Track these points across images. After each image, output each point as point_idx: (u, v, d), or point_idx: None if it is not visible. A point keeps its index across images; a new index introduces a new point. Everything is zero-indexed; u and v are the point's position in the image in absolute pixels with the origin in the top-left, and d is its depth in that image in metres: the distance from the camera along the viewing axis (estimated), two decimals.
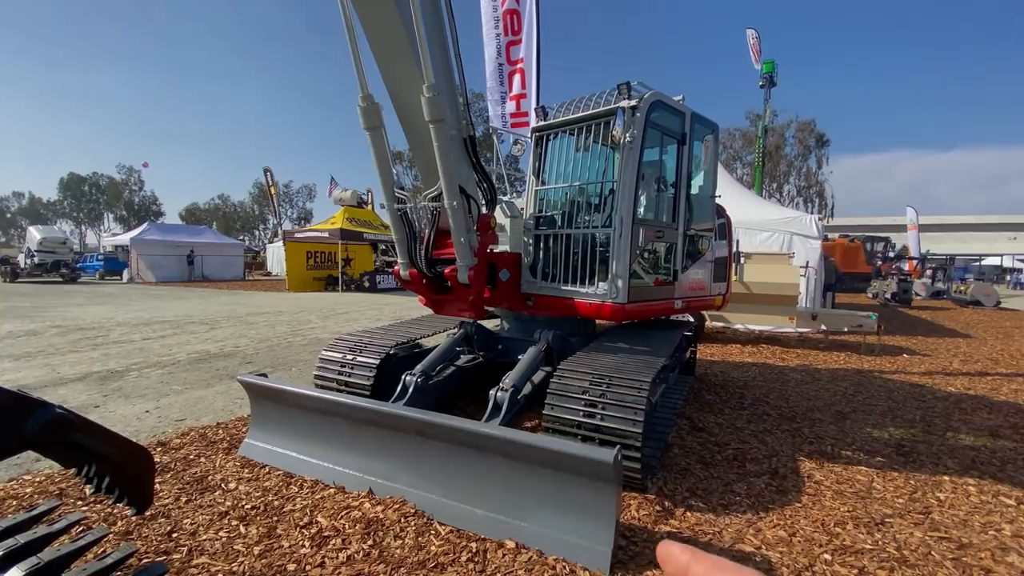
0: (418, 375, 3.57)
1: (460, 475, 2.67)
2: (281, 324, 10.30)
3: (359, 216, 21.79)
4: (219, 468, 3.24)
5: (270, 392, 3.38)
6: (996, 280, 35.81)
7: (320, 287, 21.40)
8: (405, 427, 2.86)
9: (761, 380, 5.94)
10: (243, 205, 68.14)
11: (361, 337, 4.16)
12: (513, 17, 6.93)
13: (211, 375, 5.78)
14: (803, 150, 40.66)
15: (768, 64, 25.30)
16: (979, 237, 53.64)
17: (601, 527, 2.26)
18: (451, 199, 3.31)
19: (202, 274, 27.19)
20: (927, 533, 2.65)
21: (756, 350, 7.96)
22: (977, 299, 18.19)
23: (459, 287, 3.58)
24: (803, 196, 41.10)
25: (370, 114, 3.47)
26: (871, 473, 3.37)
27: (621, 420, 2.74)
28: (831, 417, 4.56)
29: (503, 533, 2.42)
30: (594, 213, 4.21)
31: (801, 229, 9.42)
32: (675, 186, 4.22)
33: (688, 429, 4.10)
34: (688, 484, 3.10)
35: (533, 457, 2.44)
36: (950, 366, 7.21)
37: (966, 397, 5.49)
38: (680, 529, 2.59)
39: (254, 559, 2.28)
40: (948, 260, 31.06)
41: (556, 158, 4.38)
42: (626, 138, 3.56)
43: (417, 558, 2.28)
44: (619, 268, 3.67)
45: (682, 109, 4.10)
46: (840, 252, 20.36)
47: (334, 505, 2.75)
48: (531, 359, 3.60)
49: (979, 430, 4.37)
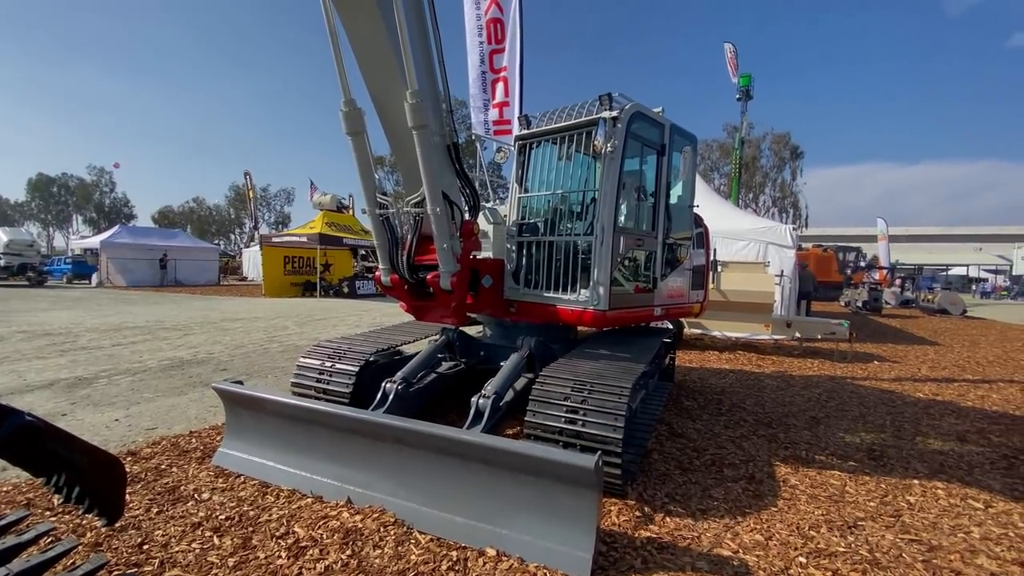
0: (398, 382, 3.54)
1: (441, 483, 2.65)
2: (257, 330, 10.10)
3: (339, 221, 21.54)
4: (192, 478, 3.15)
5: (246, 400, 3.31)
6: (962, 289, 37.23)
7: (298, 293, 21.07)
8: (384, 435, 2.83)
9: (738, 386, 6.05)
10: (219, 208, 66.80)
11: (340, 344, 4.12)
12: (497, 26, 7.00)
13: (184, 382, 5.63)
14: (778, 162, 41.80)
15: (744, 78, 26.00)
16: (946, 248, 55.76)
17: (582, 533, 2.27)
18: (434, 205, 3.31)
19: (175, 279, 26.52)
20: (898, 536, 2.72)
21: (733, 357, 8.11)
22: (944, 307, 18.87)
23: (441, 293, 3.57)
24: (778, 207, 42.18)
25: (352, 119, 3.45)
26: (844, 477, 3.45)
27: (602, 426, 2.76)
28: (805, 423, 4.67)
29: (484, 541, 2.41)
30: (576, 221, 4.26)
31: (776, 239, 9.66)
32: (655, 195, 4.29)
33: (667, 435, 4.15)
34: (667, 489, 3.13)
35: (514, 464, 2.44)
36: (918, 372, 7.46)
37: (934, 403, 5.67)
38: (659, 535, 2.61)
39: (228, 571, 2.22)
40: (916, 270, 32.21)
41: (539, 166, 4.42)
42: (607, 148, 3.61)
43: (396, 567, 2.25)
44: (600, 275, 3.71)
45: (662, 121, 4.19)
46: (814, 261, 20.90)
47: (311, 515, 2.70)
48: (513, 366, 3.61)
49: (947, 435, 4.52)
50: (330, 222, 20.39)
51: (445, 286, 3.49)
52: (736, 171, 25.00)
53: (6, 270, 22.95)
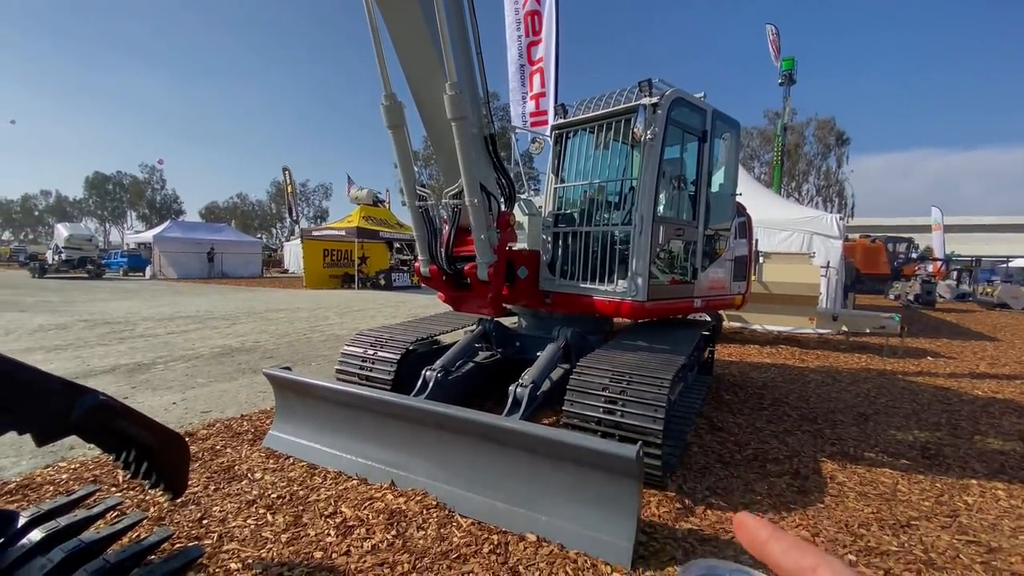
0: (438, 370, 3.62)
1: (481, 468, 2.70)
2: (299, 320, 10.46)
3: (375, 215, 21.97)
4: (245, 458, 3.31)
5: (294, 385, 3.45)
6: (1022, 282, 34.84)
7: (336, 284, 21.66)
8: (427, 420, 2.89)
9: (780, 381, 5.88)
10: (261, 203, 69.19)
11: (381, 333, 4.22)
12: (534, 18, 6.98)
13: (234, 369, 5.90)
14: (823, 149, 39.98)
15: (788, 61, 24.87)
16: (1005, 238, 52.17)
17: (623, 522, 2.27)
18: (472, 196, 3.34)
19: (222, 271, 27.71)
20: (955, 536, 2.61)
21: (775, 351, 7.87)
22: (1004, 301, 17.76)
23: (478, 284, 3.61)
24: (822, 196, 40.41)
25: (393, 113, 3.52)
26: (895, 475, 3.32)
27: (642, 417, 2.74)
28: (853, 419, 4.50)
29: (524, 526, 2.45)
30: (613, 211, 4.21)
31: (822, 229, 9.29)
32: (695, 184, 4.19)
33: (707, 428, 4.08)
34: (708, 483, 3.09)
35: (555, 452, 2.46)
36: (976, 369, 7.05)
37: (993, 401, 5.36)
38: (701, 527, 2.58)
39: (282, 546, 2.33)
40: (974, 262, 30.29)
41: (576, 156, 4.38)
42: (647, 135, 3.56)
43: (440, 549, 2.32)
44: (639, 266, 3.67)
45: (703, 106, 4.08)
46: (861, 253, 19.97)
47: (357, 496, 2.80)
48: (550, 356, 3.62)
49: (1008, 434, 4.27)
50: (367, 216, 20.83)
51: (482, 277, 3.53)
52: (778, 158, 24.04)
53: (67, 263, 24.46)
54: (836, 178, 40.07)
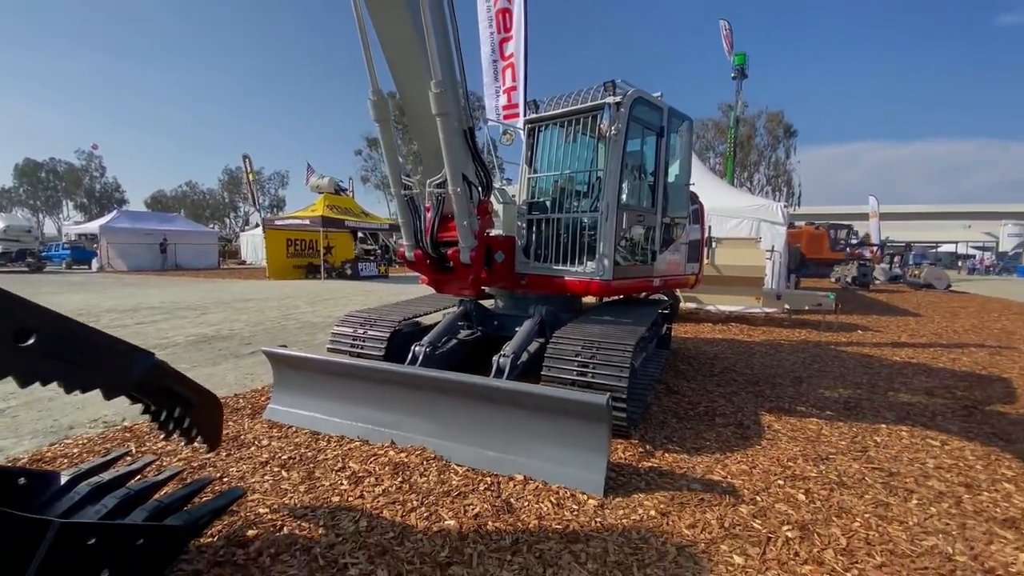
0: (426, 345, 3.96)
1: (473, 424, 3.08)
2: (270, 309, 10.48)
3: (340, 204, 21.75)
4: (249, 429, 3.57)
5: (293, 360, 3.72)
6: (950, 266, 37.98)
7: (301, 275, 21.37)
8: (422, 385, 3.25)
9: (730, 353, 6.52)
10: (212, 192, 66.35)
11: (369, 314, 4.51)
12: (505, 15, 7.32)
13: (215, 355, 6.03)
14: (772, 140, 42.00)
15: (740, 56, 25.96)
16: (936, 225, 56.45)
17: (596, 460, 2.71)
18: (455, 186, 3.67)
19: (175, 263, 26.73)
20: (863, 465, 3.20)
21: (726, 328, 8.58)
22: (930, 282, 19.46)
23: (461, 267, 3.96)
24: (772, 185, 42.53)
25: (380, 107, 3.79)
26: (820, 423, 3.93)
27: (609, 376, 3.19)
28: (790, 381, 5.15)
29: (513, 469, 2.86)
30: (582, 199, 4.63)
31: (768, 216, 10.07)
32: (654, 175, 4.67)
33: (665, 392, 4.61)
34: (665, 433, 3.60)
35: (537, 404, 2.87)
36: (898, 340, 7.96)
37: (908, 365, 6.17)
38: (659, 465, 3.07)
39: (302, 494, 2.65)
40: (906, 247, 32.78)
41: (547, 148, 4.77)
42: (612, 131, 3.98)
43: (442, 489, 2.70)
44: (605, 248, 4.11)
45: (661, 105, 4.54)
46: (806, 239, 21.38)
47: (362, 454, 3.14)
48: (528, 330, 4.03)
49: (916, 390, 5.01)
50: (331, 205, 20.61)
51: (465, 260, 3.87)
52: (731, 150, 25.22)
53: (4, 256, 23.06)
54: (785, 168, 42.22)
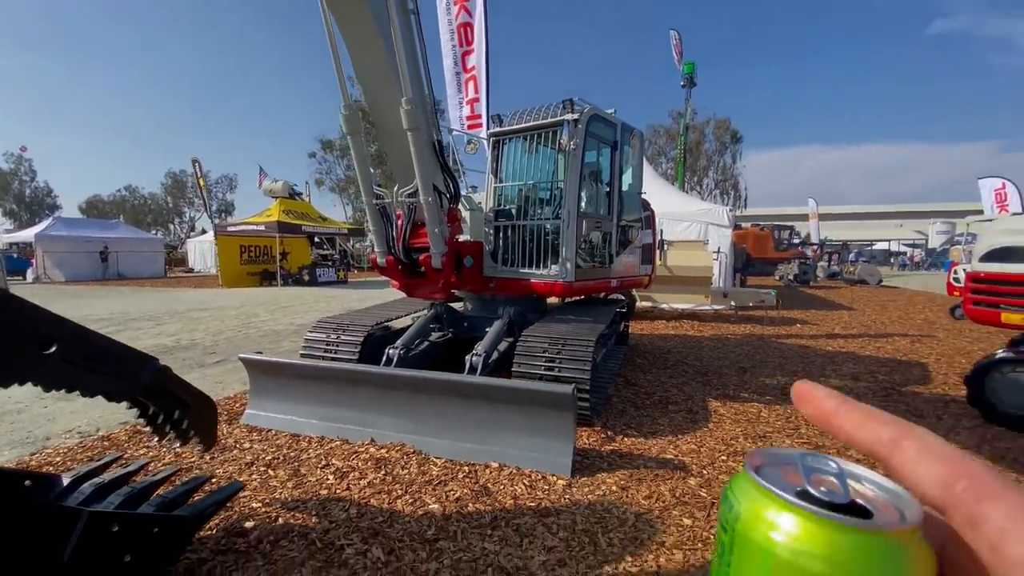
0: (400, 348, 4.16)
1: (449, 419, 3.31)
2: (229, 318, 10.28)
3: (296, 208, 21.34)
4: (228, 434, 3.67)
5: (270, 367, 3.84)
6: (883, 263, 40.97)
7: (255, 282, 20.79)
8: (398, 384, 3.46)
9: (681, 347, 7.02)
10: (154, 197, 63.09)
11: (342, 319, 4.66)
12: (466, 29, 7.57)
13: (179, 365, 5.97)
14: (720, 146, 44.07)
15: (688, 65, 27.22)
16: (871, 225, 60.66)
17: (563, 445, 3.01)
18: (426, 195, 3.90)
19: (118, 272, 25.38)
20: (794, 440, 3.65)
21: (678, 324, 9.14)
22: (863, 279, 21.05)
23: (432, 272, 4.19)
24: (720, 189, 44.59)
25: (352, 120, 3.98)
26: (760, 407, 4.39)
27: (574, 369, 3.51)
28: (735, 371, 5.64)
29: (488, 458, 3.12)
30: (545, 207, 4.95)
31: (715, 219, 10.76)
32: (609, 184, 5.05)
33: (624, 384, 4.99)
34: (624, 421, 3.95)
35: (508, 397, 3.15)
36: (832, 331, 8.73)
37: (839, 353, 6.84)
38: (619, 448, 3.41)
39: (290, 490, 2.82)
40: (843, 245, 35.17)
41: (511, 159, 5.07)
42: (571, 145, 4.32)
43: (424, 479, 2.93)
44: (567, 253, 4.44)
45: (614, 120, 4.92)
46: (752, 239, 22.64)
47: (343, 452, 3.32)
48: (498, 330, 4.30)
49: (844, 375, 5.61)
50: (287, 210, 20.21)
51: (436, 265, 4.11)
52: (681, 156, 26.39)
53: None
54: (732, 173, 44.38)
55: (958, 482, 0.25)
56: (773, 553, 0.26)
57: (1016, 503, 0.23)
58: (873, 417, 0.29)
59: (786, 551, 0.25)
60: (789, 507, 0.26)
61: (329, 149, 47.06)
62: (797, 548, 0.25)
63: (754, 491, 0.28)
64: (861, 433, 0.29)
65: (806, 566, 0.25)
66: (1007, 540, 0.23)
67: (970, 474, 0.25)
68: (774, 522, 0.26)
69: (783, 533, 0.26)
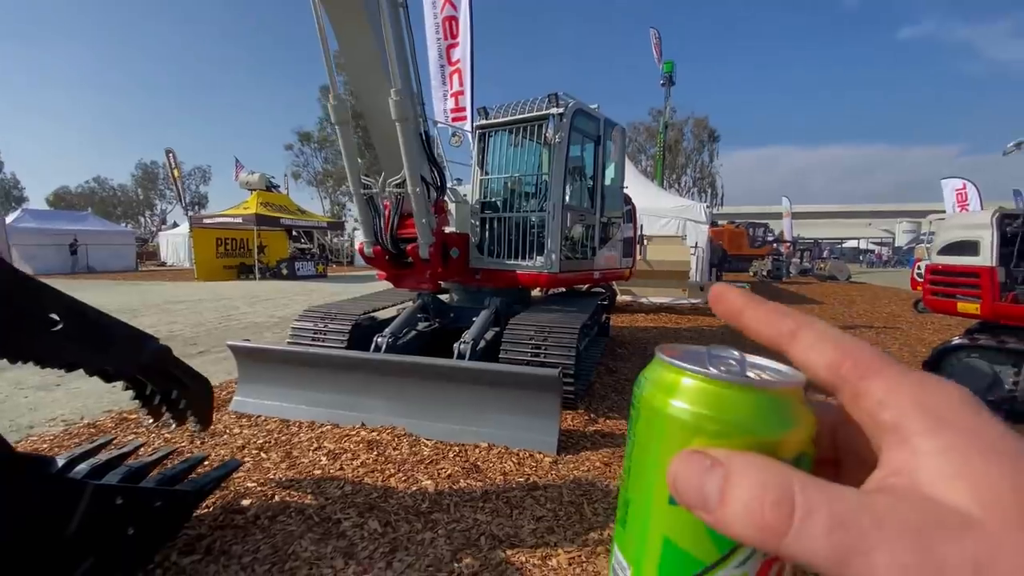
0: (388, 336, 4.23)
1: (439, 402, 3.42)
2: (207, 311, 10.15)
3: (274, 201, 21.02)
4: (217, 420, 3.69)
5: (260, 353, 3.88)
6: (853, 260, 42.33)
7: (232, 276, 20.42)
8: (389, 370, 3.55)
9: (660, 338, 7.24)
10: (124, 189, 61.17)
11: (330, 308, 4.70)
12: (452, 23, 7.62)
13: None
14: (698, 145, 44.82)
15: (668, 64, 27.61)
16: (842, 223, 62.55)
17: (549, 425, 3.15)
18: (414, 186, 3.97)
19: (87, 265, 24.62)
20: None
21: (657, 317, 9.39)
22: (833, 275, 21.79)
23: (419, 262, 4.26)
24: (698, 186, 45.38)
25: (340, 110, 4.02)
26: None
27: (559, 355, 3.64)
28: None
29: (478, 438, 3.24)
30: (530, 200, 5.07)
31: (693, 216, 11.04)
32: (593, 178, 5.20)
33: (605, 372, 5.16)
34: (607, 404, 4.11)
35: (497, 380, 3.26)
36: None
37: None
38: (601, 429, 3.57)
39: (284, 471, 2.89)
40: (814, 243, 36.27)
41: (497, 152, 5.17)
42: (556, 139, 4.44)
43: (415, 459, 3.03)
44: (552, 244, 4.57)
45: (597, 115, 5.06)
46: (728, 236, 23.18)
47: (335, 435, 3.39)
48: (485, 319, 4.40)
49: None
50: (265, 202, 19.91)
51: (424, 255, 4.18)
52: (660, 153, 26.81)
53: None
54: (709, 171, 45.22)
55: (845, 363, 0.26)
56: (671, 416, 0.27)
57: (894, 377, 0.25)
58: (777, 311, 0.31)
59: (682, 412, 0.27)
60: (687, 373, 0.28)
61: (307, 141, 46.26)
62: (691, 408, 0.27)
63: (660, 368, 0.30)
64: (766, 328, 0.30)
65: (699, 424, 0.27)
66: (884, 409, 0.24)
67: (856, 355, 0.26)
68: (673, 389, 0.28)
69: (680, 397, 0.27)
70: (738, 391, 0.27)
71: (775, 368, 0.30)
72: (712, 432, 0.26)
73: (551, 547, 2.20)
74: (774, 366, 0.31)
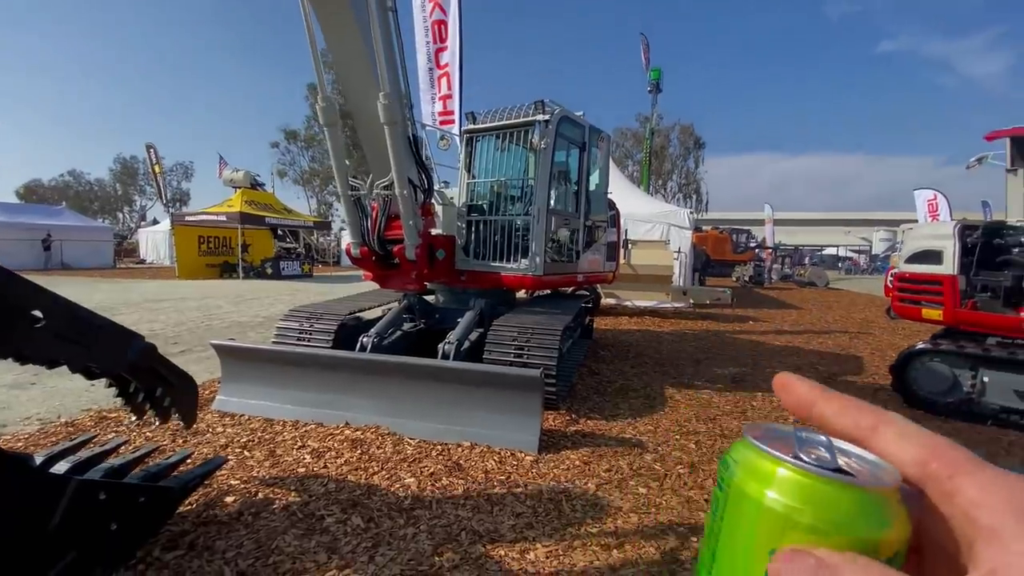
0: (373, 336, 4.26)
1: (423, 401, 3.47)
2: (190, 310, 10.03)
3: (259, 199, 20.78)
4: (199, 420, 3.69)
5: (244, 352, 3.88)
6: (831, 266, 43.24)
7: (215, 274, 20.14)
8: (374, 369, 3.59)
9: (643, 341, 7.37)
10: (102, 183, 59.82)
11: (315, 308, 4.72)
12: (440, 26, 7.69)
13: None
14: (684, 151, 45.42)
15: (655, 71, 27.96)
16: (821, 231, 63.83)
17: (531, 424, 3.22)
18: (402, 188, 4.02)
19: (61, 262, 24.03)
20: (741, 421, 3.98)
21: (640, 320, 9.54)
22: (813, 280, 22.26)
23: (406, 263, 4.31)
24: (683, 192, 45.98)
25: (329, 112, 4.05)
26: (712, 393, 4.73)
27: (542, 356, 3.72)
28: (691, 362, 6.01)
29: (460, 437, 3.29)
30: (516, 203, 5.15)
31: (676, 221, 11.23)
32: (578, 183, 5.30)
33: (588, 373, 5.25)
34: (588, 406, 4.20)
35: (480, 380, 3.33)
36: (781, 328, 9.31)
37: (786, 347, 7.34)
38: (582, 430, 3.65)
39: (267, 468, 2.91)
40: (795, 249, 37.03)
41: (484, 156, 5.24)
42: (541, 145, 4.52)
43: (399, 457, 3.07)
44: (537, 248, 4.65)
45: (582, 122, 5.16)
46: (711, 242, 23.55)
47: (319, 434, 3.42)
48: (469, 320, 4.46)
49: (789, 367, 6.04)
50: (250, 200, 19.68)
51: (411, 256, 4.23)
52: (647, 159, 27.13)
53: None
54: (694, 177, 45.85)
55: (933, 460, 0.27)
56: (765, 506, 0.27)
57: (988, 478, 0.25)
58: (852, 405, 0.31)
59: (777, 504, 0.27)
60: (782, 464, 0.27)
61: (293, 139, 45.77)
62: (787, 501, 0.27)
63: (751, 453, 0.29)
64: (840, 420, 0.30)
65: (795, 517, 0.26)
66: (979, 510, 0.25)
67: (944, 453, 0.27)
68: (767, 479, 0.27)
69: (775, 488, 0.27)
70: (839, 489, 0.26)
71: (863, 456, 0.30)
72: (808, 527, 0.26)
73: (529, 542, 2.27)
74: (862, 454, 0.30)
